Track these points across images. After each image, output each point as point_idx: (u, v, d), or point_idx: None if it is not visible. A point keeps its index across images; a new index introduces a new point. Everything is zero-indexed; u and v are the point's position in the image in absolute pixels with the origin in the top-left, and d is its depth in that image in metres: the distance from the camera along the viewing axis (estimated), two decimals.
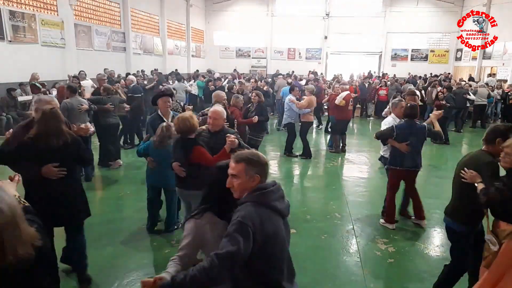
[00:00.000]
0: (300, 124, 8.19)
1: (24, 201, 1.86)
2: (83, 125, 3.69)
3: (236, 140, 3.40)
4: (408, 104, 4.65)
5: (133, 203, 5.40)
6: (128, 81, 9.67)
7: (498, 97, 14.05)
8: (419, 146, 4.56)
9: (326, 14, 23.77)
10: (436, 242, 4.54)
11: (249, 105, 7.00)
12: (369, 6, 24.22)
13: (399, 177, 4.73)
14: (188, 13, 23.17)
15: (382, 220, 4.91)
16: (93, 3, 14.94)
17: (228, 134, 3.46)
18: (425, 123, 4.69)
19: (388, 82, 14.58)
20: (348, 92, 8.97)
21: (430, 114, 4.76)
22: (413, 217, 4.99)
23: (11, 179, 2.11)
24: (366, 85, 15.02)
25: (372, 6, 24.22)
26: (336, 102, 8.44)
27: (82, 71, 12.15)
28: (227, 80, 14.39)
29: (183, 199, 3.81)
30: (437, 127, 4.61)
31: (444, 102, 10.26)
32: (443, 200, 5.34)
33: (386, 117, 7.12)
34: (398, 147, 4.53)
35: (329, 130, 8.91)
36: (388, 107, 7.25)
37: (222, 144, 3.46)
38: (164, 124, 4.26)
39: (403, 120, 4.71)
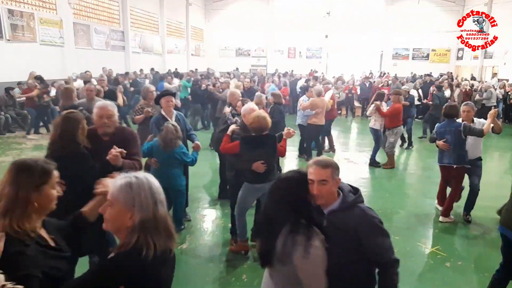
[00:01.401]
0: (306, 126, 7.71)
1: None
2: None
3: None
4: (449, 105, 4.90)
5: None
6: (103, 82, 9.21)
7: (500, 96, 13.99)
8: (454, 143, 4.68)
9: (327, 13, 23.71)
10: (436, 242, 4.48)
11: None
12: (370, 4, 24.16)
13: (443, 173, 5.02)
14: (188, 12, 23.13)
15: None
16: (92, 2, 14.90)
17: (287, 127, 3.83)
18: (466, 124, 4.66)
19: (390, 81, 14.49)
20: (332, 92, 8.88)
21: (488, 114, 4.72)
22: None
23: None
24: (367, 84, 14.93)
25: (373, 5, 24.16)
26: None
27: (88, 71, 12.06)
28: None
29: (255, 194, 3.82)
30: (488, 125, 4.56)
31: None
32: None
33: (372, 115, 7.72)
34: (438, 145, 4.84)
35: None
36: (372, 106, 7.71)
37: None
38: (170, 125, 4.13)
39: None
